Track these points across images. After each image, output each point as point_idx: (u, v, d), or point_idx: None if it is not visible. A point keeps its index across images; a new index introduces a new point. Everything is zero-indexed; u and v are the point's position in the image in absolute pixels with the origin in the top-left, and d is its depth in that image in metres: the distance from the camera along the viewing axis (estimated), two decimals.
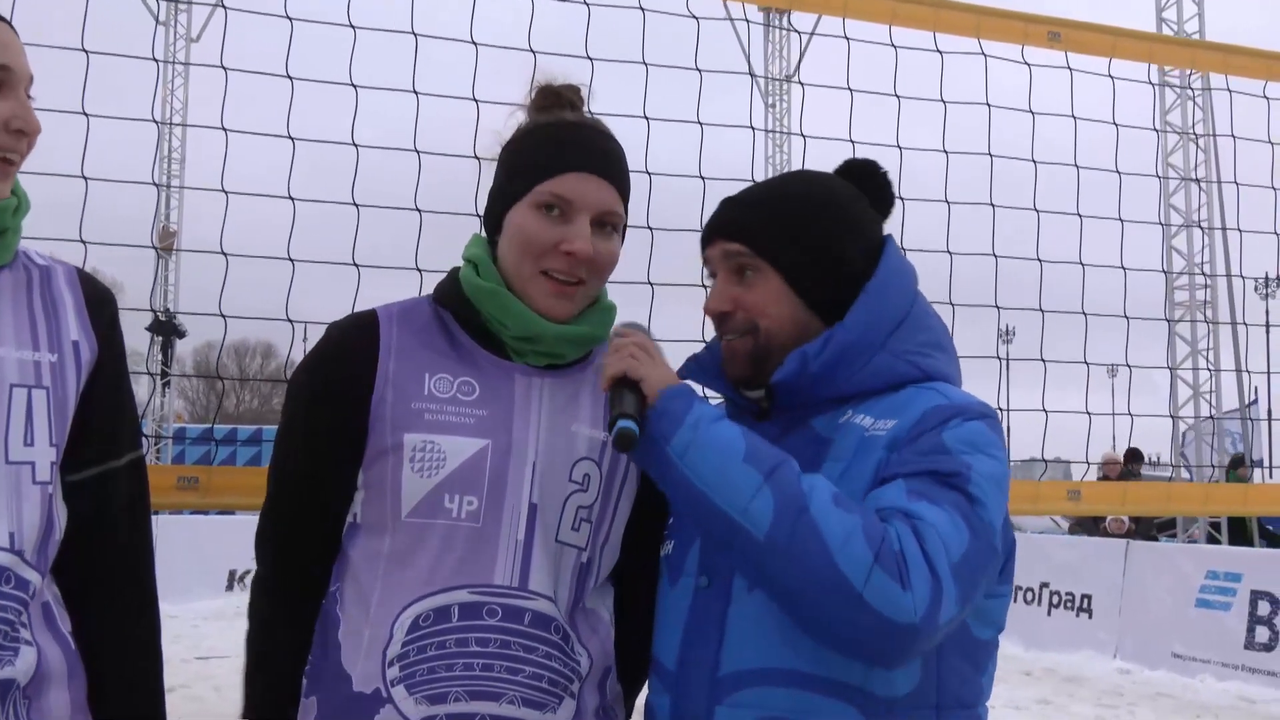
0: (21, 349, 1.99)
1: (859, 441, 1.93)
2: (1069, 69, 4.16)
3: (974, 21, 3.77)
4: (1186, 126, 17.65)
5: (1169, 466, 16.22)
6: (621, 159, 2.15)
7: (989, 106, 4.21)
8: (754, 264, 2.06)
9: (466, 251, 2.19)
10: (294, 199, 3.33)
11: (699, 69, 4.04)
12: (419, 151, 3.54)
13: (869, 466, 1.89)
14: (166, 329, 21.52)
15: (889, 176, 2.19)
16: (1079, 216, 4.44)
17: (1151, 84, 17.55)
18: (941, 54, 4.00)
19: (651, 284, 3.48)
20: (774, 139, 24.94)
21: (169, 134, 22.77)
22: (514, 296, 2.07)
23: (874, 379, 1.99)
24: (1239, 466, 16.39)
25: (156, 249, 21.27)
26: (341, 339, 2.10)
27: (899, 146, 3.78)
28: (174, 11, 22.94)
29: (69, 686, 2.02)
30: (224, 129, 3.38)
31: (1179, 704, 10.70)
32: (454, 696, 1.92)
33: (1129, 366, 4.46)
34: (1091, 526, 15.99)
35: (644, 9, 3.85)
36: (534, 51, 3.33)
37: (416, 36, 3.50)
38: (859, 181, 2.16)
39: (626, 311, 2.22)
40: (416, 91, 3.54)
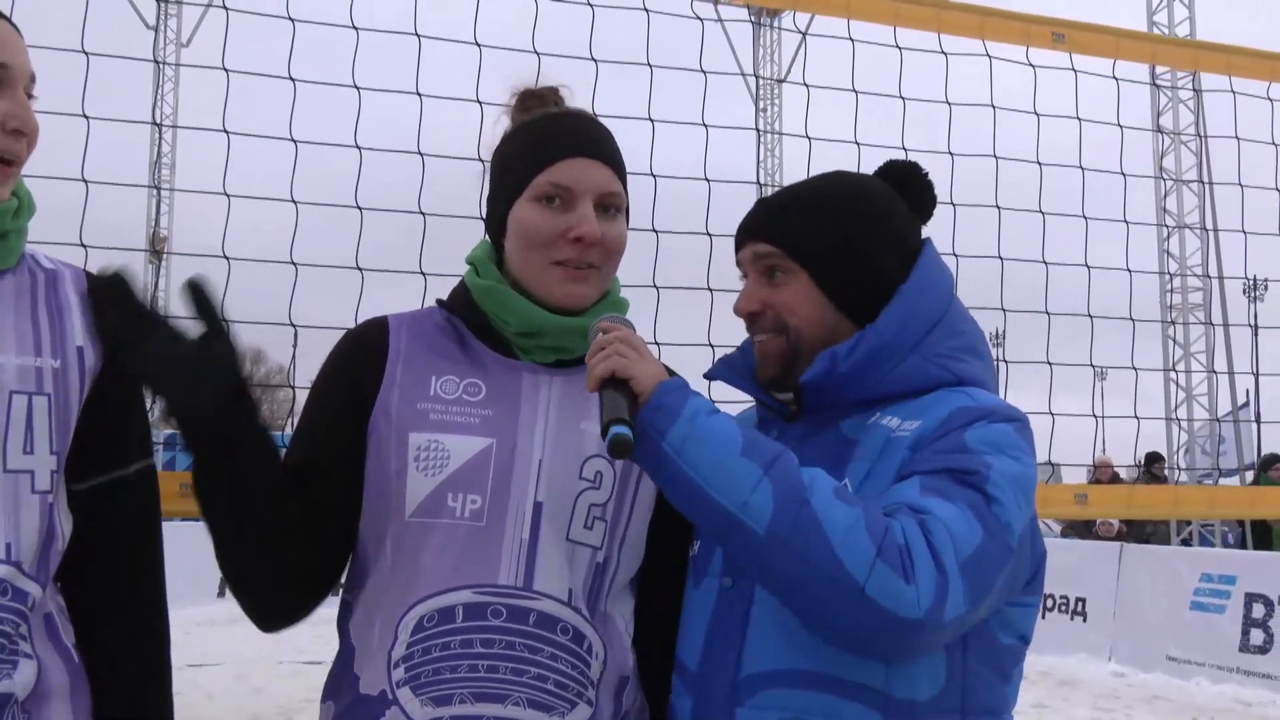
0: (23, 355, 1.94)
1: (885, 442, 1.90)
2: (1074, 70, 4.14)
3: (977, 22, 3.76)
4: (1177, 129, 17.72)
5: (1171, 469, 16.20)
6: (612, 140, 2.15)
7: (993, 108, 4.19)
8: (783, 264, 2.04)
9: (469, 256, 2.20)
10: (296, 202, 3.30)
11: (704, 70, 4.02)
12: (422, 154, 3.51)
13: (893, 467, 1.86)
14: None
15: (930, 179, 2.16)
16: (1083, 218, 4.42)
17: (1156, 85, 17.69)
18: (946, 55, 3.98)
19: (657, 287, 3.45)
20: (767, 141, 25.00)
21: (159, 138, 22.73)
22: (513, 292, 2.07)
23: (904, 382, 1.96)
24: (1270, 467, 16.21)
25: (152, 250, 21.25)
26: (352, 343, 2.13)
27: (903, 149, 3.77)
28: (163, 16, 22.92)
29: (71, 700, 1.98)
30: (225, 131, 3.35)
31: (1174, 707, 10.72)
32: (459, 698, 1.91)
33: (1134, 369, 4.45)
34: (1084, 530, 16.01)
35: (647, 10, 3.83)
36: (538, 53, 3.30)
37: (420, 38, 3.48)
38: (900, 184, 2.14)
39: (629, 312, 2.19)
40: (420, 94, 3.52)
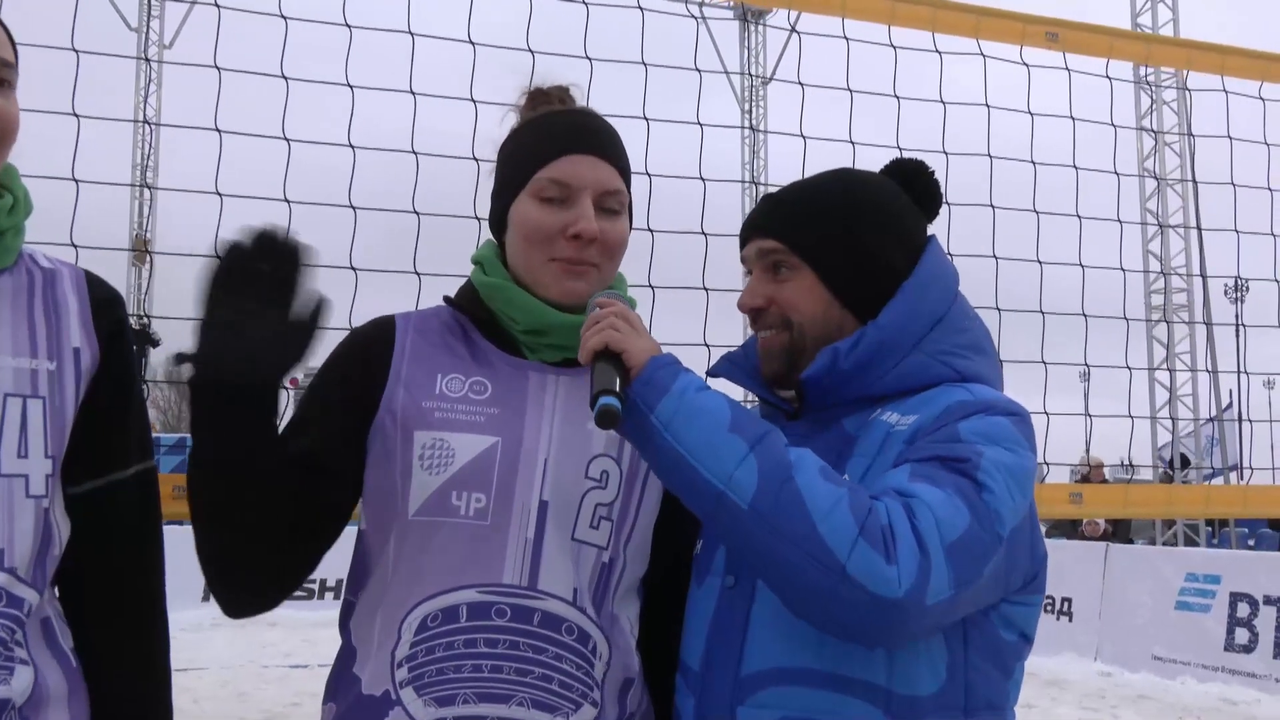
0: (18, 356, 1.92)
1: (884, 438, 1.90)
2: (1068, 69, 4.15)
3: (973, 21, 3.76)
4: (1161, 128, 17.83)
5: (1141, 468, 16.28)
6: (614, 137, 2.14)
7: (988, 108, 4.20)
8: (787, 260, 2.04)
9: (474, 255, 2.20)
10: (290, 201, 3.28)
11: (699, 69, 4.02)
12: (416, 153, 3.49)
13: (890, 462, 1.85)
14: (141, 338, 21.34)
15: (936, 177, 2.16)
16: (1078, 217, 4.42)
17: (1147, 83, 17.79)
18: (940, 54, 3.98)
19: (652, 286, 3.44)
20: (752, 141, 25.03)
21: (143, 139, 22.64)
22: (519, 289, 2.07)
23: (907, 379, 1.96)
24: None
25: (139, 252, 21.14)
26: (359, 340, 2.11)
27: (898, 147, 3.76)
28: (146, 18, 22.83)
29: (69, 706, 1.96)
30: (218, 130, 3.32)
31: (1160, 706, 10.77)
32: (462, 698, 1.89)
33: (1128, 369, 4.45)
34: (1070, 529, 16.06)
35: (641, 8, 3.82)
36: (532, 51, 3.29)
37: (414, 36, 3.46)
38: (906, 181, 2.13)
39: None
40: (414, 92, 3.50)
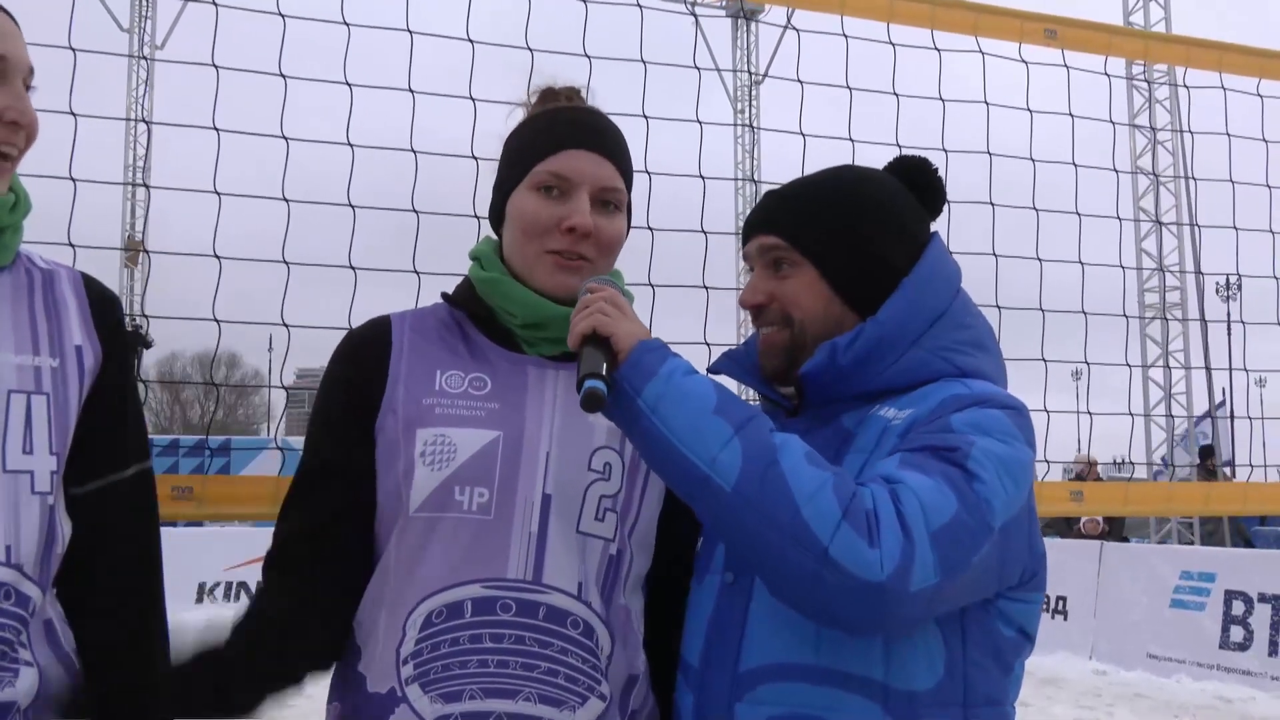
0: (21, 354, 1.91)
1: (881, 432, 1.90)
2: (1066, 67, 4.15)
3: (972, 19, 3.76)
4: (1154, 125, 17.87)
5: (1137, 466, 16.30)
6: (618, 136, 2.15)
7: (987, 105, 4.19)
8: (789, 257, 2.04)
9: (472, 250, 2.20)
10: (288, 200, 3.26)
11: (697, 67, 4.01)
12: (415, 151, 3.48)
13: (886, 456, 1.85)
14: (134, 339, 21.29)
15: (939, 175, 2.16)
16: (1077, 215, 4.42)
17: (1146, 80, 17.80)
18: (939, 51, 3.98)
19: (653, 285, 3.44)
20: (744, 139, 25.05)
21: (135, 141, 22.61)
22: (516, 283, 2.07)
23: (906, 375, 1.96)
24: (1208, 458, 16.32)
25: (131, 252, 21.09)
26: (355, 342, 2.12)
27: (897, 145, 3.76)
28: (138, 18, 22.79)
29: None
30: (216, 129, 3.31)
31: (1156, 704, 10.78)
32: (469, 694, 1.89)
33: (1128, 365, 4.45)
34: (1064, 528, 16.06)
35: (640, 6, 3.82)
36: (531, 50, 3.28)
37: (412, 34, 3.45)
38: (909, 179, 2.14)
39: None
40: (412, 90, 3.48)
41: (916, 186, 2.13)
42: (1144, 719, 10.27)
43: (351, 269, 3.35)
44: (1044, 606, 12.94)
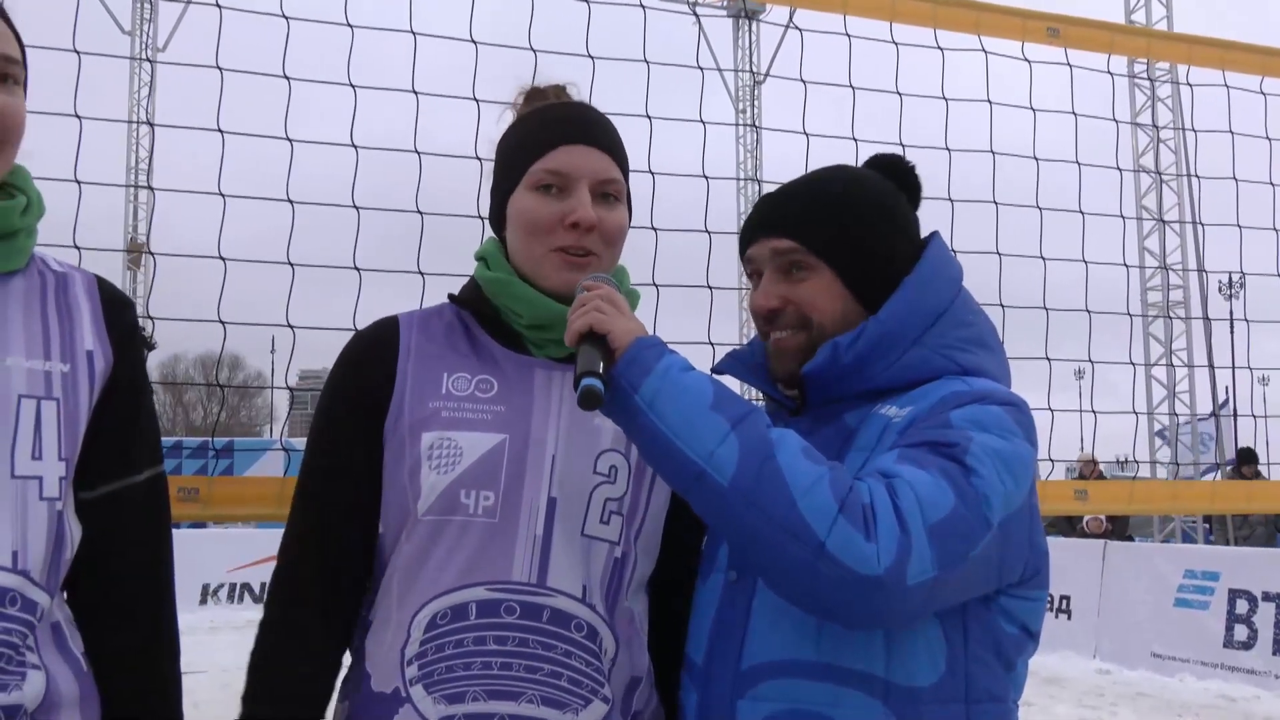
0: (32, 358, 1.91)
1: (882, 430, 1.91)
2: (1069, 65, 4.15)
3: (974, 18, 3.76)
4: (1157, 124, 17.85)
5: (1139, 465, 16.26)
6: (610, 128, 2.15)
7: (989, 104, 4.19)
8: (806, 260, 2.03)
9: (478, 251, 2.20)
10: (292, 201, 3.26)
11: (700, 67, 4.02)
12: (419, 153, 3.48)
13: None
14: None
15: (915, 169, 2.18)
16: (1080, 214, 4.42)
17: (1149, 78, 17.77)
18: (942, 50, 3.98)
19: (656, 285, 3.43)
20: (746, 139, 25.03)
21: (137, 143, 22.62)
22: (522, 283, 2.07)
23: (908, 373, 1.97)
24: (1247, 463, 16.05)
25: (134, 253, 21.08)
26: (363, 343, 2.11)
27: (900, 144, 3.75)
28: (140, 21, 22.81)
29: (81, 710, 1.94)
30: (219, 130, 3.31)
31: (1159, 703, 10.78)
32: (472, 696, 1.89)
33: (1132, 364, 4.45)
34: (1066, 527, 16.04)
35: (644, 6, 3.81)
36: (534, 50, 3.28)
37: (415, 35, 3.44)
38: (894, 177, 2.14)
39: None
40: (416, 91, 3.48)
41: (905, 186, 2.14)
42: (1147, 718, 10.26)
43: (355, 270, 3.36)
44: (1048, 605, 13.01)
